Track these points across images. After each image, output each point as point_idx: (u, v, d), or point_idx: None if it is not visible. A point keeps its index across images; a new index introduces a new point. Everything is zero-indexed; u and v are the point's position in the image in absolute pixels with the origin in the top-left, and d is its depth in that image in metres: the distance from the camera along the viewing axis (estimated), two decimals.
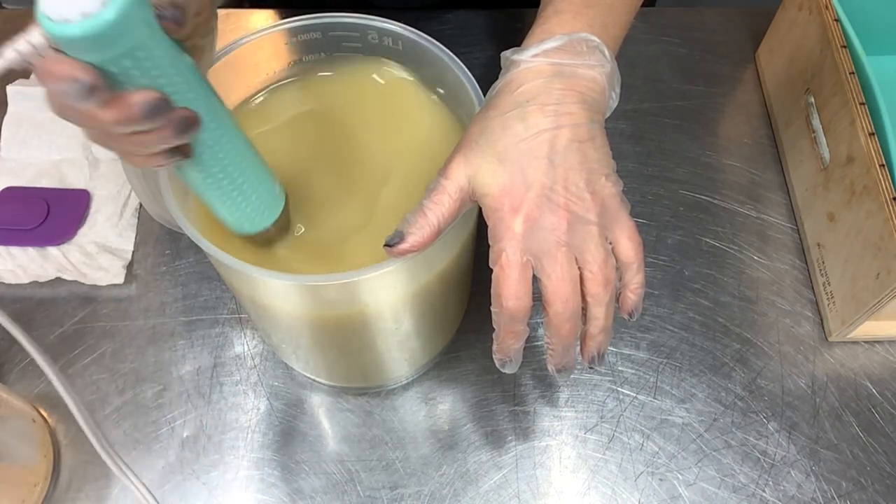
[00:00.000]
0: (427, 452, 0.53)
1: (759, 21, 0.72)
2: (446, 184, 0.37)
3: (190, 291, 0.59)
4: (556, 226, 0.36)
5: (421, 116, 0.49)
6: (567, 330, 0.38)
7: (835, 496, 0.52)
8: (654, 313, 0.59)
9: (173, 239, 0.61)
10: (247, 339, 0.57)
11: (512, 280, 0.36)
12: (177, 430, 0.53)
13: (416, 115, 0.49)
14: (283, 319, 0.46)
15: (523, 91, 0.37)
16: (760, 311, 0.59)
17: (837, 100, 0.56)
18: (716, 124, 0.69)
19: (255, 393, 0.55)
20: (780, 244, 0.62)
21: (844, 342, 0.58)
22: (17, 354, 0.56)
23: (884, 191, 0.50)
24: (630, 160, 0.66)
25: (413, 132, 0.49)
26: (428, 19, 0.72)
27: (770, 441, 0.54)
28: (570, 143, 0.37)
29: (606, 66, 0.39)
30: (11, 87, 0.66)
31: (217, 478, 0.52)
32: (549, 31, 0.39)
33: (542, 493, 0.52)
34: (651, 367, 0.56)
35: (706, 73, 0.71)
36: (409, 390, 0.56)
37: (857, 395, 0.56)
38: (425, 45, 0.45)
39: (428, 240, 0.37)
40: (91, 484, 0.52)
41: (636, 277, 0.39)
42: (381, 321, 0.45)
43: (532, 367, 0.56)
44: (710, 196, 0.65)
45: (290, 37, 0.47)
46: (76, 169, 0.63)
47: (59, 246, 0.59)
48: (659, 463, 0.53)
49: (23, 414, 0.52)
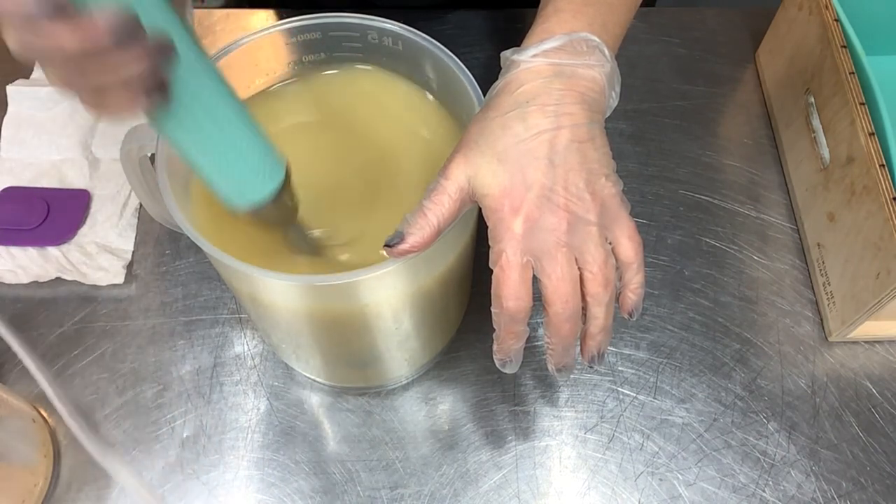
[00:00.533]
0: (427, 452, 0.53)
1: (759, 21, 0.72)
2: (446, 184, 0.37)
3: (190, 291, 0.59)
4: (556, 226, 0.36)
5: (420, 117, 0.49)
6: (567, 330, 0.38)
7: (835, 496, 0.52)
8: (654, 313, 0.59)
9: (173, 239, 0.61)
10: (247, 339, 0.57)
11: (512, 280, 0.36)
12: (177, 430, 0.53)
13: (415, 116, 0.49)
14: (283, 319, 0.46)
15: (523, 91, 0.37)
16: (760, 311, 0.59)
17: (837, 100, 0.56)
18: (716, 124, 0.69)
19: (255, 393, 0.55)
20: (780, 244, 0.62)
21: (844, 342, 0.58)
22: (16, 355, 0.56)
23: (884, 191, 0.50)
24: (630, 160, 0.66)
25: (412, 133, 0.49)
26: (428, 19, 0.72)
27: (770, 441, 0.54)
28: (569, 143, 0.37)
29: (606, 66, 0.39)
30: (11, 87, 0.66)
31: (217, 478, 0.52)
32: (548, 31, 0.39)
33: (542, 493, 0.52)
34: (651, 367, 0.56)
35: (706, 73, 0.71)
36: (409, 390, 0.56)
37: (857, 395, 0.56)
38: (425, 45, 0.45)
39: (428, 240, 0.37)
40: (91, 484, 0.52)
41: (636, 277, 0.39)
42: (382, 321, 0.45)
43: (532, 367, 0.56)
44: (710, 196, 0.65)
45: (290, 37, 0.47)
46: (76, 169, 0.63)
47: (59, 246, 0.59)
48: (659, 463, 0.53)
49: (23, 414, 0.52)
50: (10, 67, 0.68)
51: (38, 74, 0.68)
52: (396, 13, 0.48)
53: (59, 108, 0.65)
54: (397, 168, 0.47)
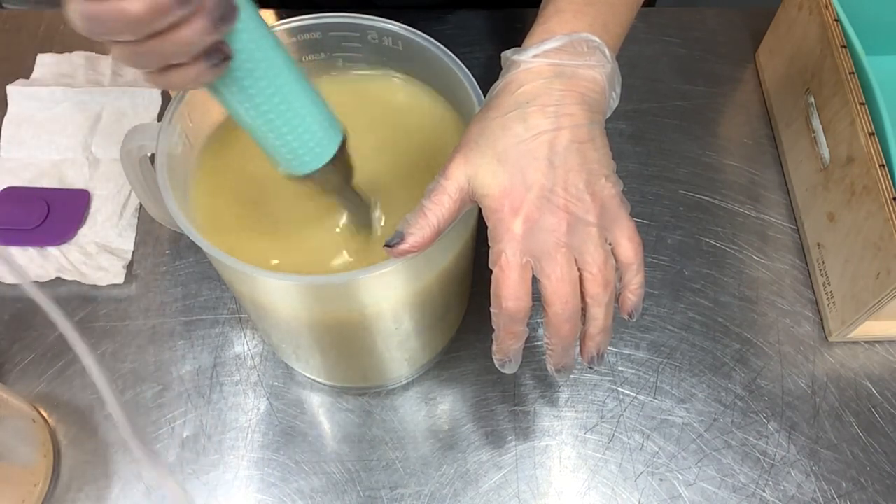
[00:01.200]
0: (427, 452, 0.53)
1: (759, 21, 0.72)
2: (446, 184, 0.37)
3: (190, 291, 0.59)
4: (556, 227, 0.36)
5: (420, 117, 0.49)
6: (566, 330, 0.38)
7: (835, 496, 0.52)
8: (654, 313, 0.59)
9: (173, 239, 0.61)
10: (247, 339, 0.57)
11: (511, 281, 0.36)
12: (177, 430, 0.53)
13: (415, 116, 0.49)
14: (283, 319, 0.46)
15: (524, 92, 0.37)
16: (760, 311, 0.59)
17: (837, 100, 0.56)
18: (716, 124, 0.69)
19: (255, 393, 0.55)
20: (780, 244, 0.62)
21: (844, 342, 0.58)
22: (17, 354, 0.56)
23: (884, 191, 0.50)
24: (630, 160, 0.66)
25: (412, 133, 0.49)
26: (428, 19, 0.72)
27: (770, 441, 0.54)
28: (569, 143, 0.37)
29: (607, 67, 0.39)
30: (11, 87, 0.66)
31: (217, 478, 0.52)
32: (549, 31, 0.39)
33: (542, 493, 0.52)
34: (651, 367, 0.56)
35: (706, 73, 0.71)
36: (409, 390, 0.56)
37: (857, 395, 0.56)
38: (425, 45, 0.45)
39: (428, 240, 0.37)
40: (91, 484, 0.52)
41: (636, 278, 0.39)
42: (381, 321, 0.45)
43: (532, 367, 0.56)
44: (710, 196, 0.65)
45: (290, 37, 0.47)
46: (76, 169, 0.63)
47: (59, 246, 0.59)
48: (659, 463, 0.53)
49: (23, 414, 0.52)
50: (10, 67, 0.68)
51: (38, 74, 0.68)
52: (396, 13, 0.48)
53: (59, 108, 0.66)
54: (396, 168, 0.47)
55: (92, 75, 0.68)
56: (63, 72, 0.68)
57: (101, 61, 0.69)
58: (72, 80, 0.68)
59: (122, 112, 0.66)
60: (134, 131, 0.43)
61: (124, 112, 0.66)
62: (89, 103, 0.66)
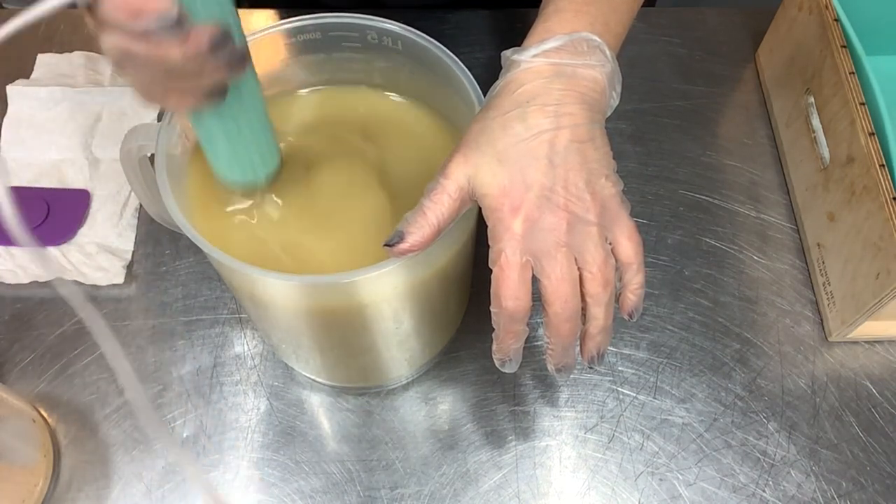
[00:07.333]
0: (427, 452, 0.53)
1: (759, 21, 0.72)
2: (446, 183, 0.37)
3: (190, 291, 0.59)
4: (556, 226, 0.36)
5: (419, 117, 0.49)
6: (566, 330, 0.38)
7: (835, 496, 0.52)
8: (654, 313, 0.59)
9: (173, 239, 0.61)
10: (247, 339, 0.57)
11: (511, 280, 0.36)
12: (177, 430, 0.53)
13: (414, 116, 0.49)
14: (283, 319, 0.46)
15: (524, 91, 0.37)
16: (760, 311, 0.59)
17: (837, 100, 0.56)
18: (716, 124, 0.69)
19: (255, 393, 0.55)
20: (780, 244, 0.62)
21: (844, 342, 0.58)
22: (16, 354, 0.56)
23: (884, 191, 0.50)
24: (630, 160, 0.66)
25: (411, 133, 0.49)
26: (428, 19, 0.72)
27: (770, 441, 0.54)
28: (570, 143, 0.37)
29: (607, 66, 0.39)
30: (11, 87, 0.66)
31: (217, 478, 0.52)
32: (549, 30, 0.39)
33: (542, 493, 0.52)
34: (651, 367, 0.56)
35: (706, 73, 0.71)
36: (409, 390, 0.56)
37: (857, 395, 0.56)
38: (425, 45, 0.45)
39: (428, 239, 0.37)
40: (91, 484, 0.52)
41: (636, 278, 0.39)
42: (381, 321, 0.45)
43: (532, 367, 0.56)
44: (710, 196, 0.65)
45: (290, 37, 0.47)
46: (76, 169, 0.63)
47: (59, 246, 0.59)
48: (659, 463, 0.53)
49: (23, 414, 0.52)
50: (10, 67, 0.68)
51: (38, 74, 0.68)
52: (396, 13, 0.48)
53: (59, 108, 0.66)
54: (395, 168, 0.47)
55: (92, 75, 0.68)
56: (63, 72, 0.68)
57: (101, 61, 0.69)
58: (72, 80, 0.68)
59: (122, 112, 0.66)
60: (134, 131, 0.43)
61: (124, 112, 0.66)
62: (89, 103, 0.66)
